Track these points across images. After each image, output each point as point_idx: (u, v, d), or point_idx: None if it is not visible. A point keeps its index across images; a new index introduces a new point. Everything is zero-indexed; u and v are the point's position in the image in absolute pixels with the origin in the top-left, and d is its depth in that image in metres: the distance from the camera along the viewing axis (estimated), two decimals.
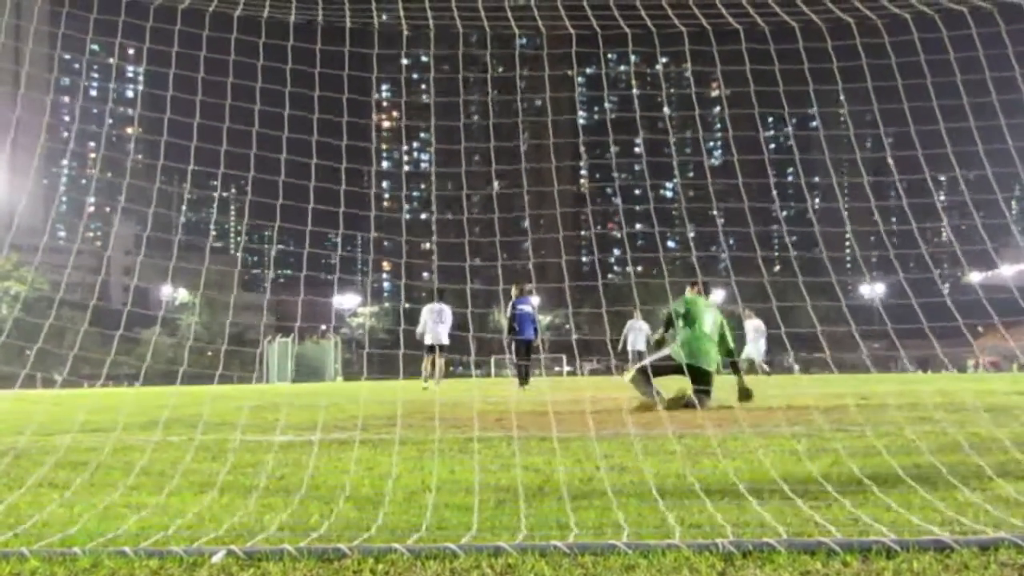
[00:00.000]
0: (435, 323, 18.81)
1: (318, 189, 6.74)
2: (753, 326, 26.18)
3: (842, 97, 6.89)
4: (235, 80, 6.88)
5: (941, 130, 5.91)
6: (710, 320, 10.36)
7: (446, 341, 19.10)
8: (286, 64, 7.17)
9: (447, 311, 19.22)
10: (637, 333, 24.36)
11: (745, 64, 6.79)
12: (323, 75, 7.29)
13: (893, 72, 6.26)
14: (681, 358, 9.69)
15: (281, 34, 7.19)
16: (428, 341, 18.91)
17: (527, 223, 9.49)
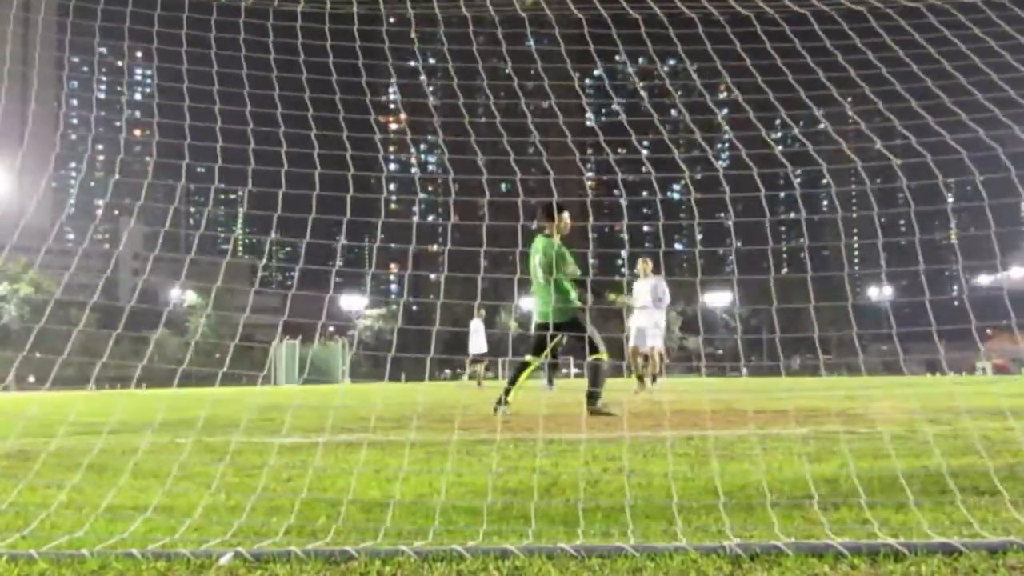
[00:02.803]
0: (474, 335, 23.52)
1: (325, 191, 6.74)
2: (648, 287, 16.32)
3: (849, 99, 6.86)
4: (244, 81, 6.89)
5: (949, 135, 5.87)
6: (535, 261, 9.41)
7: (482, 350, 24.08)
8: (297, 66, 7.17)
9: (482, 325, 24.05)
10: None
11: (754, 70, 6.77)
12: (331, 76, 7.29)
13: (903, 70, 6.22)
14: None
15: (290, 35, 7.21)
16: (470, 351, 23.89)
17: (535, 224, 9.52)
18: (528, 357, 9.50)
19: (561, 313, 9.14)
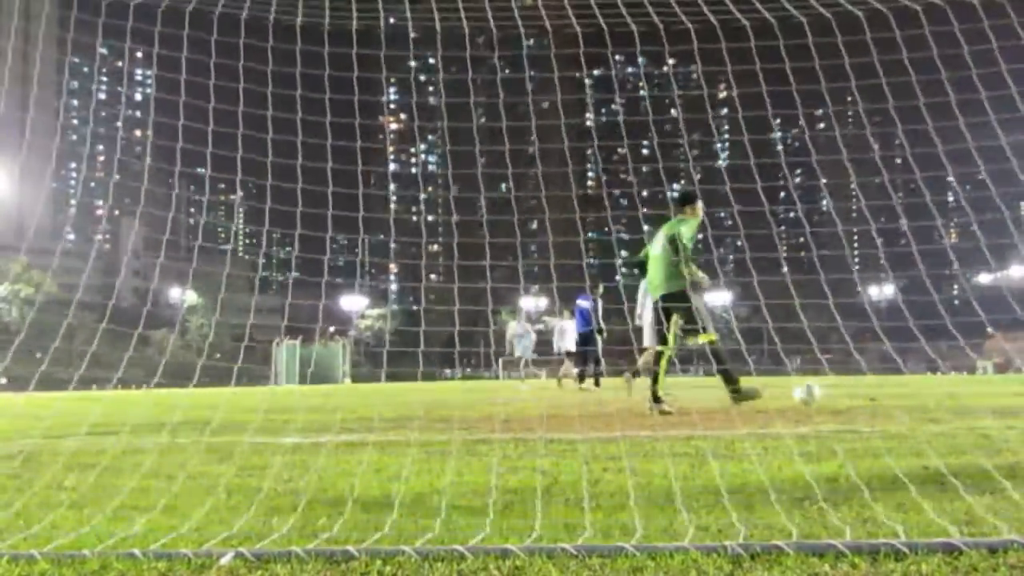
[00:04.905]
0: (560, 335, 23.20)
1: (325, 192, 6.74)
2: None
3: (850, 98, 6.86)
4: (243, 84, 6.89)
5: (957, 125, 5.85)
6: (659, 243, 9.33)
7: (572, 348, 22.85)
8: (294, 67, 7.17)
9: (567, 324, 23.35)
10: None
11: (756, 63, 6.77)
12: (331, 78, 7.29)
13: (905, 68, 6.21)
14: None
15: (289, 38, 7.20)
16: (555, 350, 23.59)
17: (535, 225, 9.50)
18: (658, 347, 9.24)
19: (675, 283, 9.05)
